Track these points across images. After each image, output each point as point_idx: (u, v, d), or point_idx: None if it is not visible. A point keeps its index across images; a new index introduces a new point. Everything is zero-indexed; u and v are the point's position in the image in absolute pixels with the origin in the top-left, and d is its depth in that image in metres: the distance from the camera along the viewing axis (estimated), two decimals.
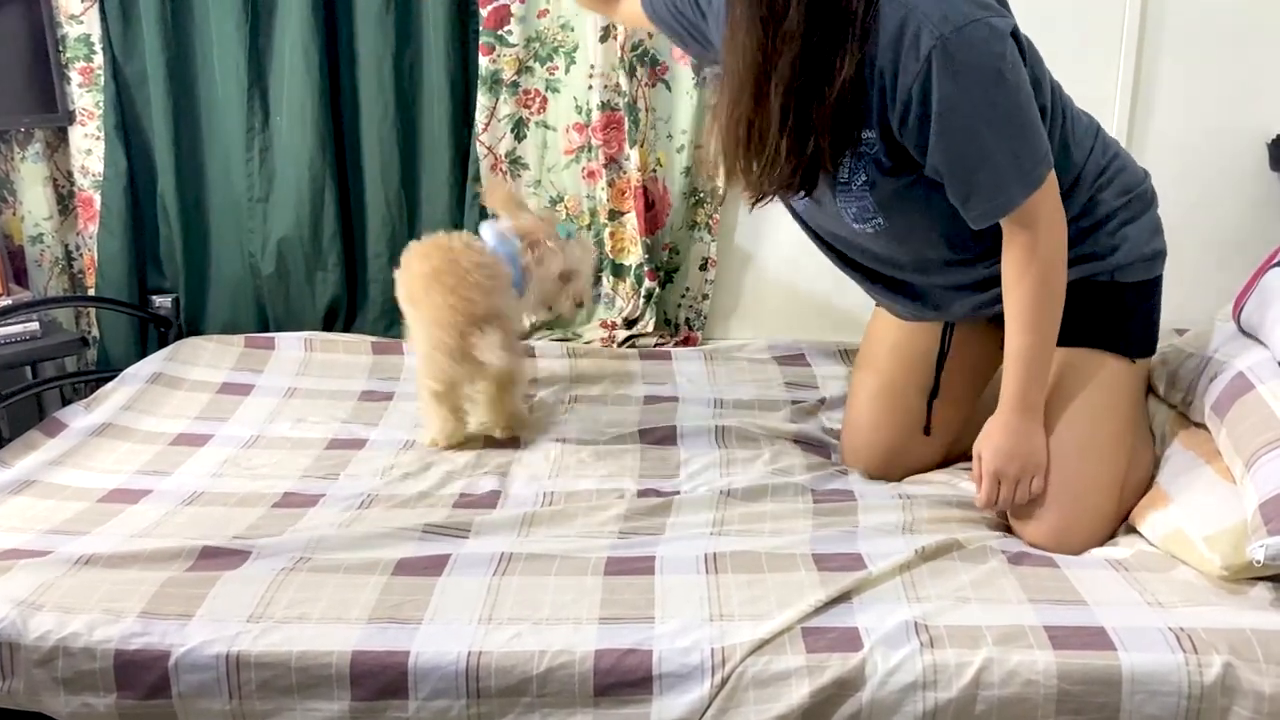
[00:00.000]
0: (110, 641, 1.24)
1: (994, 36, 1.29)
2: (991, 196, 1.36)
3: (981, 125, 1.31)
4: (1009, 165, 1.34)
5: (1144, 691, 1.16)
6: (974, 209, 1.38)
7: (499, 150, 2.33)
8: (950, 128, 1.31)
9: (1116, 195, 1.51)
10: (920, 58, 1.27)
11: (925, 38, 1.26)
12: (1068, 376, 1.48)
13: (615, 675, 1.20)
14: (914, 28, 1.27)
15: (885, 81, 1.31)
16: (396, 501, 1.61)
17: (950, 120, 1.30)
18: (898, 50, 1.29)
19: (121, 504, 1.61)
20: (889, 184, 1.42)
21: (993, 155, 1.33)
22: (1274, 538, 1.20)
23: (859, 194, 1.44)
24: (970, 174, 1.35)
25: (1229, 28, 2.25)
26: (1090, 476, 1.46)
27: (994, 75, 1.30)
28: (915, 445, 1.71)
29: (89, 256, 2.42)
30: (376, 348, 2.30)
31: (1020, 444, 1.45)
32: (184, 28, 2.29)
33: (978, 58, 1.28)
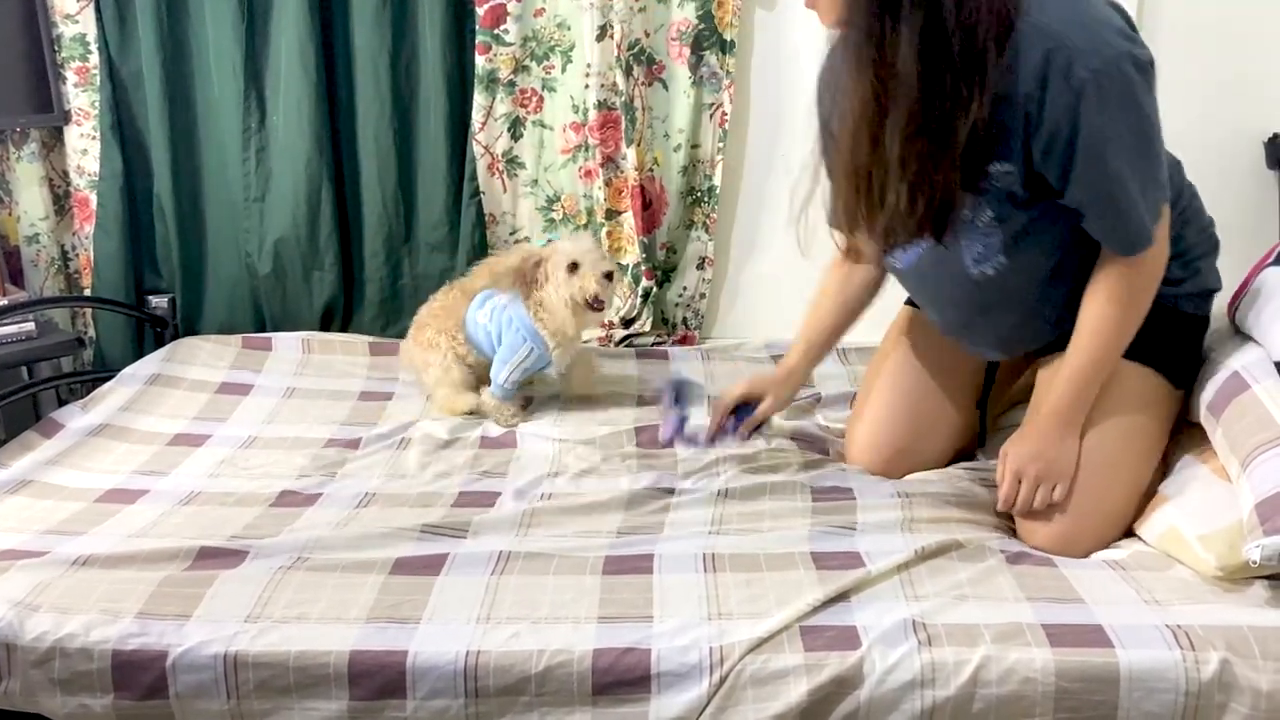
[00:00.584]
0: (107, 642, 1.24)
1: (1140, 70, 1.30)
2: (1130, 230, 1.37)
3: (1124, 161, 1.32)
4: (1141, 202, 1.35)
5: (1142, 689, 1.17)
6: (1112, 241, 1.39)
7: (495, 149, 2.33)
8: (1095, 159, 1.32)
9: (1195, 233, 1.54)
10: (1072, 90, 1.28)
11: (1078, 69, 1.27)
12: (1114, 387, 1.48)
13: (614, 674, 1.20)
14: (1064, 59, 1.27)
15: (1030, 110, 1.31)
16: (394, 501, 1.61)
17: (1096, 151, 1.31)
18: (1044, 81, 1.29)
19: (118, 504, 1.61)
20: (1019, 218, 1.42)
21: (1129, 187, 1.34)
22: (1270, 538, 1.20)
23: (985, 231, 1.44)
24: (1110, 204, 1.35)
25: (1226, 27, 2.25)
26: (1112, 490, 1.46)
27: (1137, 111, 1.31)
28: (924, 447, 1.71)
29: (85, 256, 2.41)
30: (374, 348, 2.30)
31: (1048, 450, 1.45)
32: (180, 27, 2.29)
33: (1127, 92, 1.29)
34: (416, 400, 2.07)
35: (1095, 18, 1.30)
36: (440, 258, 2.39)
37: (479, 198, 2.34)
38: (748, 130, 2.37)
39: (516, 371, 1.93)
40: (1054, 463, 1.45)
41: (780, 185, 2.39)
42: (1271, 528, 1.21)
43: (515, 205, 2.38)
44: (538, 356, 1.93)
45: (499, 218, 2.38)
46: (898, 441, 1.71)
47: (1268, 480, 1.26)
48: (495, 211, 2.37)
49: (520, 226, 2.39)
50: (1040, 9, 1.29)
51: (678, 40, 2.26)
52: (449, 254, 2.39)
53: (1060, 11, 1.29)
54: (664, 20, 2.26)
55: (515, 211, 2.38)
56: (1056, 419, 1.46)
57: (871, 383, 1.79)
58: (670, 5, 2.25)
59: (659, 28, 2.27)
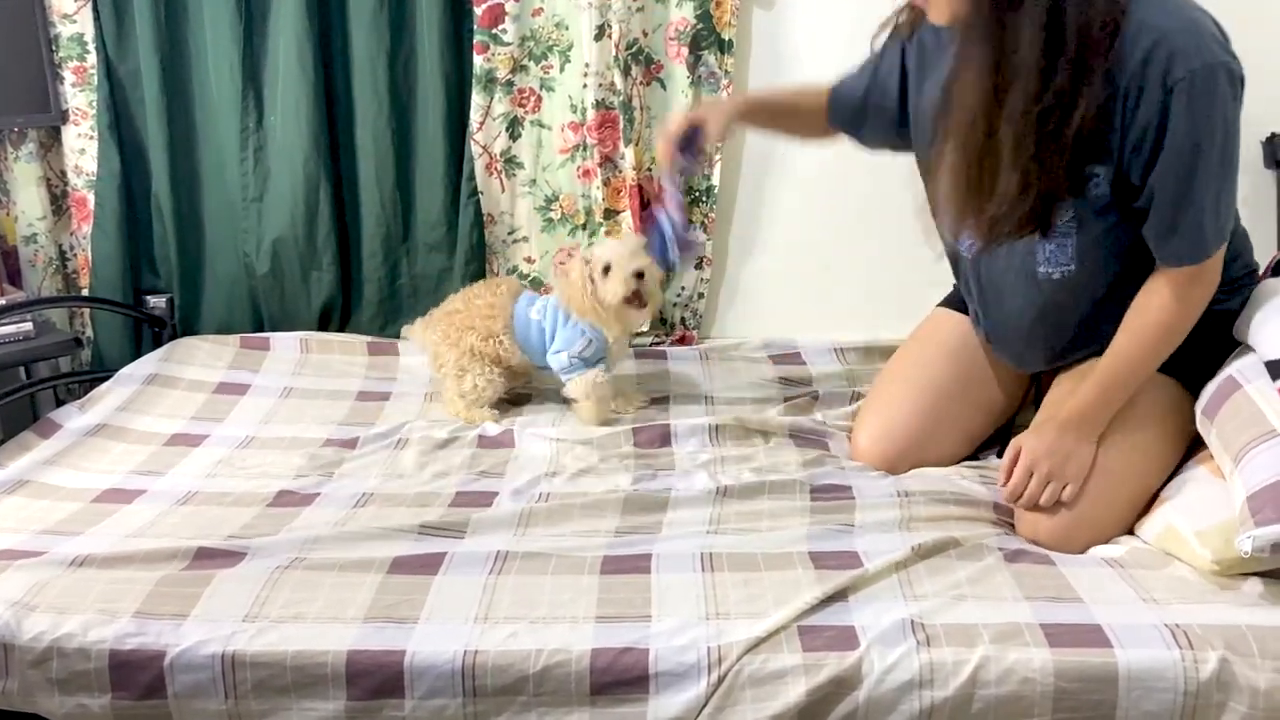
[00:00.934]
0: (105, 642, 1.24)
1: (1234, 84, 1.32)
2: (1191, 238, 1.37)
3: (1202, 166, 1.33)
4: (1212, 213, 1.36)
5: (1140, 688, 1.17)
6: (1171, 246, 1.39)
7: (494, 149, 2.32)
8: (1174, 159, 1.33)
9: (1241, 268, 1.56)
10: (1166, 87, 1.29)
11: (1177, 68, 1.28)
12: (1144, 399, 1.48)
13: (612, 674, 1.20)
14: (1165, 55, 1.28)
15: (1128, 104, 1.32)
16: (392, 501, 1.61)
17: (1176, 152, 1.32)
18: (1145, 75, 1.30)
19: (116, 504, 1.61)
20: (1097, 225, 1.43)
21: (1201, 199, 1.35)
22: (1261, 529, 1.22)
23: (1062, 232, 1.45)
24: (1178, 209, 1.36)
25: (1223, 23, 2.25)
26: (1119, 495, 1.47)
27: (1223, 123, 1.32)
28: (934, 448, 1.71)
29: (83, 256, 2.41)
30: (372, 347, 2.30)
31: (1065, 447, 1.45)
32: (178, 27, 2.29)
33: (1218, 101, 1.30)
34: (415, 400, 2.07)
35: (1198, 21, 1.32)
36: (438, 258, 2.39)
37: (477, 197, 2.34)
38: (745, 130, 2.36)
39: (578, 355, 1.92)
40: (1069, 461, 1.45)
41: (778, 185, 2.39)
42: (1262, 519, 1.22)
43: (513, 205, 2.38)
44: (596, 349, 1.93)
45: (497, 217, 2.38)
46: (909, 437, 1.71)
47: (1259, 473, 1.27)
48: (494, 211, 2.37)
49: (518, 226, 2.39)
50: (1147, 6, 1.31)
51: (676, 40, 2.26)
52: (447, 254, 2.38)
53: (1167, 10, 1.31)
54: (662, 20, 2.26)
55: (513, 211, 2.38)
56: (1080, 419, 1.46)
57: (894, 376, 1.78)
58: (668, 5, 2.25)
59: (657, 27, 2.27)
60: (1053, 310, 1.54)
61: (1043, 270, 1.50)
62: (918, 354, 1.78)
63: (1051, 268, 1.49)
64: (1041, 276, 1.51)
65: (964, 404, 1.72)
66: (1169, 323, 1.43)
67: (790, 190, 2.39)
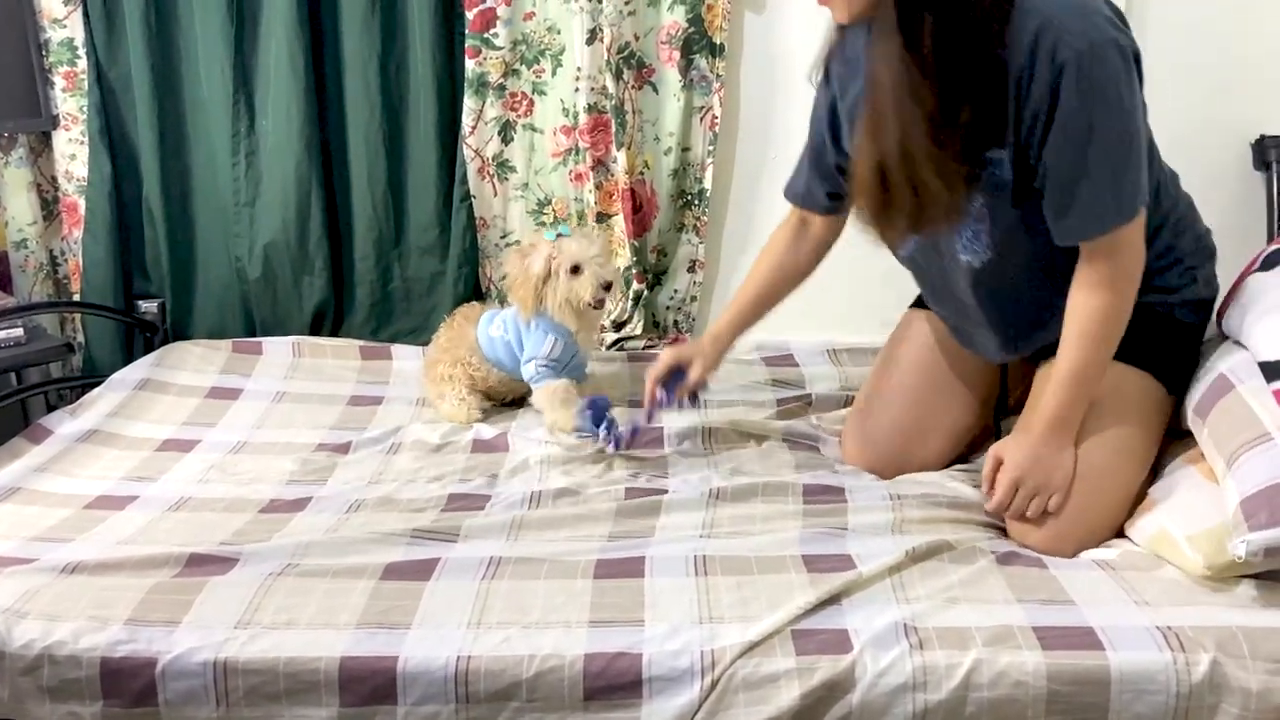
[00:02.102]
0: (96, 649, 1.24)
1: (1125, 60, 1.31)
2: (1085, 214, 1.37)
3: (1094, 143, 1.32)
4: (1109, 188, 1.35)
5: (1133, 690, 1.17)
6: (1066, 223, 1.39)
7: (486, 153, 2.32)
8: (1065, 137, 1.32)
9: (1189, 242, 1.55)
10: (1054, 68, 1.29)
11: (1062, 49, 1.28)
12: (1109, 392, 1.48)
13: (605, 679, 1.20)
14: (1051, 38, 1.29)
15: (1022, 90, 1.32)
16: (385, 506, 1.60)
17: (1067, 131, 1.32)
18: (1034, 58, 1.30)
19: (107, 510, 1.60)
20: (1009, 211, 1.43)
21: (1097, 174, 1.34)
22: (1254, 534, 1.21)
23: (975, 219, 1.45)
24: (1072, 185, 1.36)
25: (1214, 29, 2.26)
26: (1105, 495, 1.46)
27: (1116, 99, 1.31)
28: (921, 450, 1.72)
29: (74, 262, 2.40)
30: (364, 351, 2.30)
31: (1047, 459, 1.45)
32: (168, 31, 2.28)
33: (1106, 78, 1.30)
34: (407, 404, 2.06)
35: (1085, 3, 1.31)
36: (431, 261, 2.39)
37: (469, 201, 2.34)
38: (738, 133, 2.37)
39: (546, 361, 1.93)
40: (1053, 472, 1.45)
41: (771, 188, 2.39)
42: (1256, 524, 1.22)
43: (506, 209, 2.38)
44: (564, 346, 1.94)
45: (490, 221, 2.37)
46: (896, 442, 1.71)
47: (1252, 477, 1.27)
48: (486, 215, 2.37)
49: (511, 230, 2.39)
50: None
51: (668, 44, 2.26)
52: (439, 258, 2.38)
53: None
54: (654, 24, 2.26)
55: (506, 215, 2.38)
56: (1052, 426, 1.45)
57: (875, 380, 1.79)
58: (660, 9, 2.25)
59: (649, 31, 2.27)
60: (990, 297, 1.54)
61: (965, 259, 1.50)
62: (895, 359, 1.78)
63: (971, 256, 1.49)
64: (967, 264, 1.51)
65: (944, 403, 1.72)
66: (1104, 311, 1.41)
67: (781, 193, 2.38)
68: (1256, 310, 1.45)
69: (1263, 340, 1.40)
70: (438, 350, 2.05)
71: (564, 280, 1.88)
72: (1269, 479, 1.25)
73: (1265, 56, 2.28)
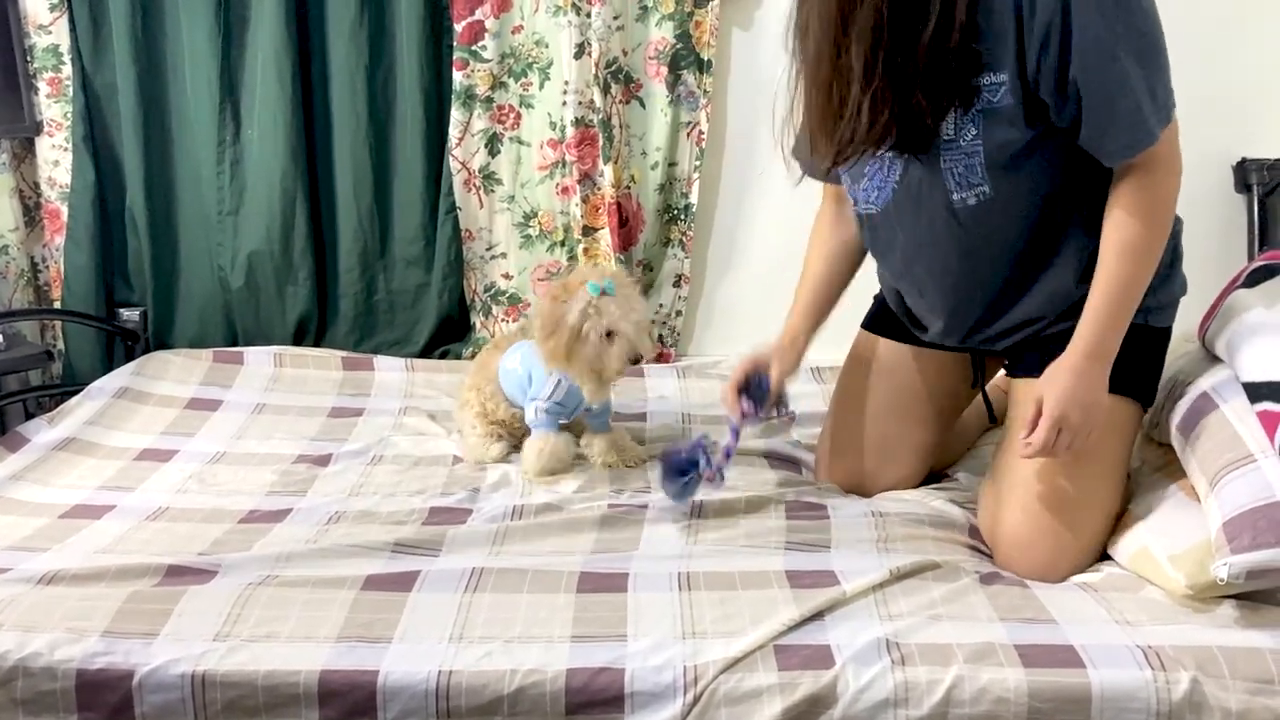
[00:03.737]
0: (72, 661, 1.22)
1: None
2: (1131, 129, 1.31)
3: (1122, 52, 1.27)
4: (1146, 96, 1.29)
5: (1113, 709, 1.17)
6: (1112, 143, 1.33)
7: (472, 165, 2.32)
8: (1091, 57, 1.27)
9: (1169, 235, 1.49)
10: None
11: None
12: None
13: (587, 694, 1.19)
14: None
15: (1024, 15, 1.27)
16: (365, 518, 1.59)
17: (1092, 50, 1.26)
18: None
19: (84, 520, 1.59)
20: (1007, 141, 1.36)
21: (1133, 84, 1.28)
22: (1236, 556, 1.22)
23: (969, 150, 1.38)
24: (1110, 103, 1.29)
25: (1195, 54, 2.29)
26: (1090, 520, 1.46)
27: (1140, 8, 1.27)
28: (888, 470, 1.71)
29: (55, 269, 2.39)
30: (347, 363, 2.29)
31: (1090, 391, 1.38)
32: (155, 39, 2.28)
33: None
34: (389, 417, 2.05)
35: None
36: (416, 273, 2.38)
37: (455, 213, 2.33)
38: (724, 149, 2.38)
39: (547, 403, 1.77)
40: (1095, 405, 1.38)
41: (756, 203, 2.40)
42: (1238, 546, 1.22)
43: (492, 221, 2.38)
44: (569, 389, 1.77)
45: (475, 233, 2.37)
46: (861, 466, 1.71)
47: (1235, 499, 1.27)
48: (472, 227, 2.37)
49: (497, 242, 2.39)
50: None
51: (655, 59, 2.27)
52: (424, 269, 2.38)
53: None
54: (642, 39, 2.27)
55: (492, 227, 2.38)
56: (1090, 357, 1.38)
57: (839, 406, 1.79)
58: (648, 24, 2.26)
59: (637, 46, 2.28)
60: (980, 247, 1.46)
61: (956, 197, 1.41)
62: (854, 381, 1.75)
63: (965, 191, 1.41)
64: (957, 205, 1.42)
65: (908, 422, 1.71)
66: (1145, 224, 1.35)
67: (768, 209, 2.40)
68: (1241, 328, 1.45)
69: (1248, 361, 1.41)
70: (468, 376, 1.93)
71: (593, 343, 1.67)
72: (1252, 501, 1.25)
73: (1246, 82, 2.32)
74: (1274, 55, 2.31)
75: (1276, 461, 1.28)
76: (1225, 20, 2.28)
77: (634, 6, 2.25)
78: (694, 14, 2.24)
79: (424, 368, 2.30)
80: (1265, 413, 1.33)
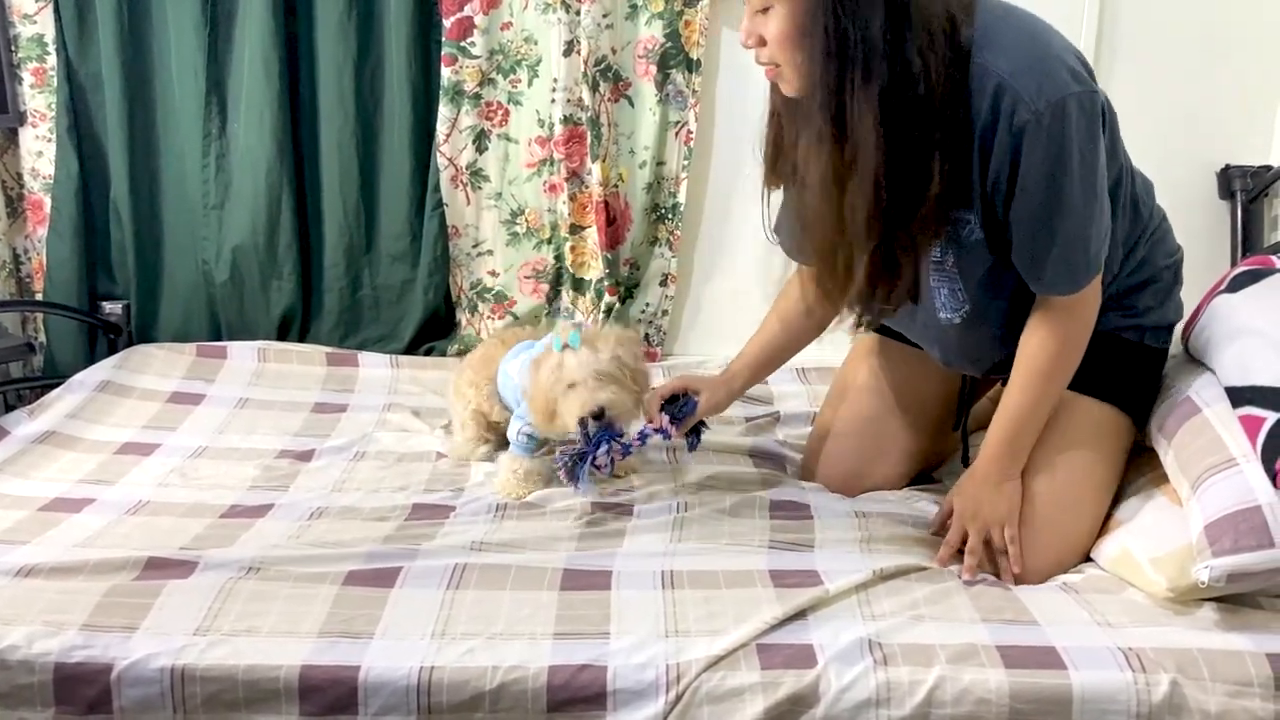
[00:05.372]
0: (50, 654, 1.21)
1: (1084, 113, 1.29)
2: (1056, 273, 1.36)
3: (1061, 204, 1.31)
4: (1079, 246, 1.35)
5: (1094, 710, 1.17)
6: (1038, 280, 1.38)
7: (459, 162, 2.32)
8: (1030, 199, 1.31)
9: (1164, 256, 1.54)
10: (1013, 131, 1.28)
11: (1021, 111, 1.26)
12: (1073, 423, 1.48)
13: (569, 691, 1.19)
14: (1009, 101, 1.27)
15: (986, 149, 1.30)
16: (348, 514, 1.59)
17: (1031, 192, 1.31)
18: (994, 119, 1.28)
19: (64, 513, 1.57)
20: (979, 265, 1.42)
21: (1064, 236, 1.33)
22: (1218, 559, 1.23)
23: (949, 277, 1.44)
24: (1041, 246, 1.35)
25: (1180, 63, 2.31)
26: (1072, 526, 1.47)
27: (1080, 154, 1.30)
28: (879, 470, 1.72)
29: (37, 260, 2.37)
30: (331, 358, 2.28)
31: (988, 497, 1.45)
32: (141, 30, 2.26)
33: (1069, 134, 1.28)
34: (372, 412, 2.04)
35: (1045, 55, 1.29)
36: (401, 269, 2.37)
37: (442, 209, 2.33)
38: (712, 149, 2.38)
39: (531, 430, 1.71)
40: (996, 507, 1.45)
41: (744, 204, 2.40)
42: (1220, 549, 1.23)
43: (479, 218, 2.37)
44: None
45: (462, 230, 2.37)
46: (852, 463, 1.72)
47: (1216, 502, 1.28)
48: (458, 224, 2.36)
49: (483, 239, 2.38)
50: (991, 46, 1.28)
51: (644, 58, 2.27)
52: (410, 265, 2.37)
53: (1011, 50, 1.28)
54: (631, 37, 2.27)
55: (478, 224, 2.38)
56: (996, 461, 1.47)
57: (833, 402, 1.80)
58: (638, 23, 2.26)
59: (626, 45, 2.28)
60: (971, 345, 1.54)
61: (944, 317, 1.50)
62: (853, 379, 1.78)
63: (950, 313, 1.49)
64: (945, 323, 1.50)
65: (902, 424, 1.72)
66: (1053, 358, 1.41)
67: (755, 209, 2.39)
68: (1223, 333, 1.46)
69: (1230, 365, 1.42)
70: (468, 369, 1.88)
71: (560, 397, 1.62)
72: (1234, 505, 1.26)
73: (1229, 89, 2.33)
74: (1257, 63, 2.32)
75: (1258, 465, 1.28)
76: (1209, 29, 2.30)
77: (623, 5, 2.25)
78: (683, 13, 2.24)
79: (409, 364, 2.29)
80: (1247, 417, 1.33)
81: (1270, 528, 1.22)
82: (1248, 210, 2.32)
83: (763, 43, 1.34)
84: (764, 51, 1.35)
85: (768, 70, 1.37)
